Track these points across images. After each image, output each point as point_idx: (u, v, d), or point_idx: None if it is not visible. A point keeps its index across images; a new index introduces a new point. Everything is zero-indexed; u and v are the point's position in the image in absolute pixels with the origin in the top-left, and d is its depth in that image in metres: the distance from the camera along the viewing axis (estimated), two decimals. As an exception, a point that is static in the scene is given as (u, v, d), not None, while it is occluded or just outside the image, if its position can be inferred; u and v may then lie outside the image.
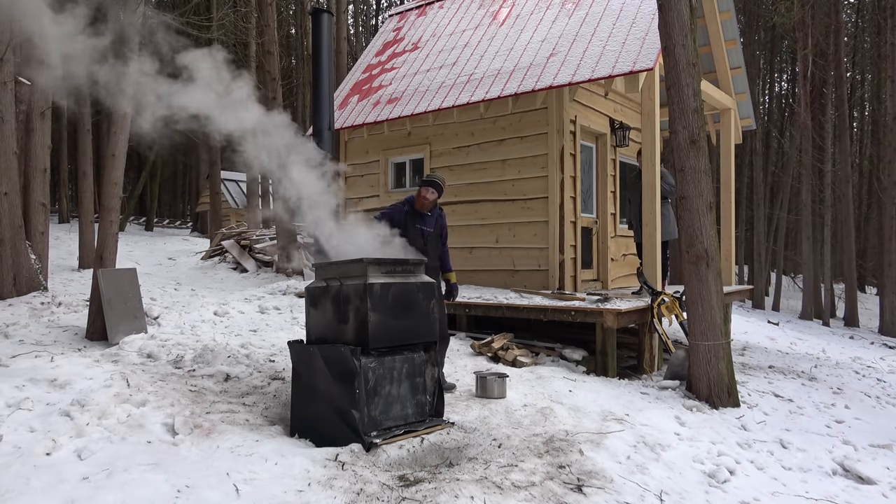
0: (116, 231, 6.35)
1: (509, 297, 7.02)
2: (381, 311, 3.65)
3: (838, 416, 5.15)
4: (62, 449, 3.19)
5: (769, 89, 27.81)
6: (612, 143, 9.07)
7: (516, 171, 8.17)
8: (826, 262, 18.65)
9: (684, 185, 5.14)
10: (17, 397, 3.77)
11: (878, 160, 22.90)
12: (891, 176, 16.45)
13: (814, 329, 15.67)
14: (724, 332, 5.13)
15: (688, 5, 5.14)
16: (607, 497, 3.09)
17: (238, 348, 5.58)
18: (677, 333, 7.77)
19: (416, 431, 3.64)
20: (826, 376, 7.06)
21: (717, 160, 13.95)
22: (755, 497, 3.35)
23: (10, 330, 5.83)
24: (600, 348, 5.89)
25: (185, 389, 4.30)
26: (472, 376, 5.11)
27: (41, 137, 8.17)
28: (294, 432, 3.77)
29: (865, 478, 3.75)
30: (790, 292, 25.38)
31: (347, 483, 2.98)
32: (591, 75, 7.08)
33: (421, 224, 4.75)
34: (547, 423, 4.15)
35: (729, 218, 9.65)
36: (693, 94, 5.10)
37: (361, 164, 9.92)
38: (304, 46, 20.34)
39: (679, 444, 3.97)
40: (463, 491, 2.92)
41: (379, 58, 10.69)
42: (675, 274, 11.48)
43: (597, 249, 8.86)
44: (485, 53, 8.78)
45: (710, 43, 9.22)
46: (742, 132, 10.26)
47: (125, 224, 21.64)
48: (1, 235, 7.02)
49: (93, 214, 10.81)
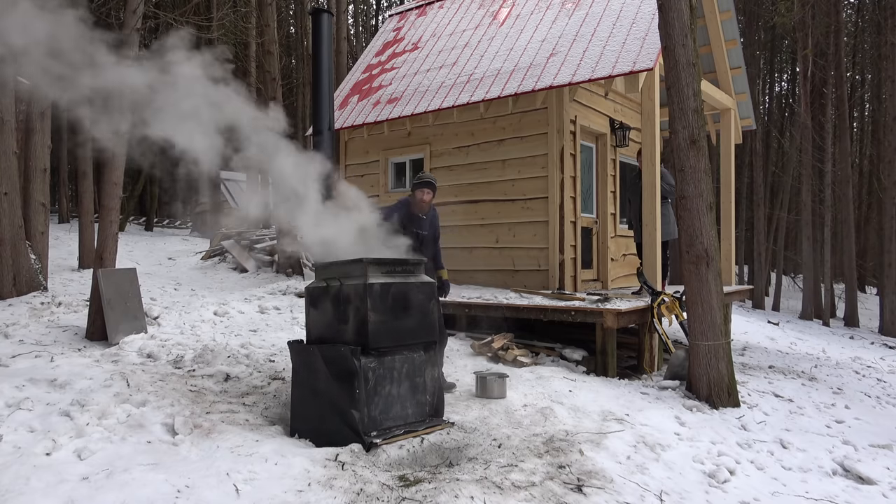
0: (116, 231, 6.35)
1: (509, 297, 7.02)
2: (381, 311, 3.65)
3: (838, 416, 5.15)
4: (62, 449, 3.19)
5: (769, 89, 27.81)
6: (612, 143, 9.07)
7: (516, 171, 8.17)
8: (826, 262, 18.63)
9: (684, 185, 5.14)
10: (17, 397, 3.77)
11: (878, 160, 22.88)
12: (891, 176, 16.44)
13: (814, 329, 15.67)
14: (724, 332, 5.13)
15: (688, 5, 5.14)
16: (607, 497, 3.09)
17: (238, 348, 5.58)
18: (677, 333, 7.76)
19: (416, 431, 3.64)
20: (826, 376, 7.06)
21: (717, 160, 13.94)
22: (755, 497, 3.35)
23: (10, 330, 5.83)
24: (600, 348, 5.89)
25: (185, 389, 4.30)
26: (472, 376, 5.11)
27: (41, 137, 8.16)
28: (294, 432, 3.77)
29: (865, 478, 3.75)
30: (790, 292, 25.37)
31: (347, 483, 2.98)
32: (591, 75, 7.08)
33: (417, 228, 4.76)
34: (547, 423, 4.15)
35: (729, 218, 9.65)
36: (693, 94, 5.10)
37: (361, 164, 9.92)
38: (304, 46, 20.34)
39: (679, 444, 3.97)
40: (463, 491, 2.92)
41: (379, 58, 10.69)
42: (675, 274, 11.48)
43: (597, 249, 8.86)
44: (485, 53, 8.77)
45: (710, 43, 9.22)
46: (742, 132, 10.26)
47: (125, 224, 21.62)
48: (1, 235, 7.02)
49: (93, 214, 10.80)
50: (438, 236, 5.02)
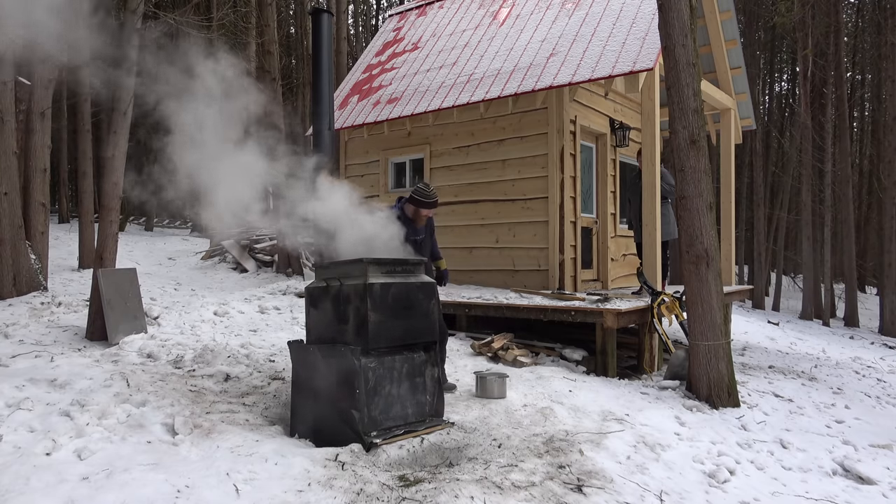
0: (116, 231, 6.35)
1: (509, 297, 7.02)
2: (381, 311, 3.65)
3: (838, 416, 5.15)
4: (62, 449, 3.19)
5: (769, 89, 27.81)
6: (612, 143, 9.07)
7: (516, 171, 8.17)
8: (826, 262, 18.63)
9: (684, 185, 5.14)
10: (17, 397, 3.77)
11: (878, 160, 22.88)
12: (891, 176, 16.44)
13: (814, 329, 15.67)
14: (724, 332, 5.13)
15: (688, 5, 5.14)
16: (607, 497, 3.09)
17: (238, 348, 5.58)
18: (677, 333, 7.77)
19: (416, 431, 3.64)
20: (826, 376, 7.06)
21: (717, 160, 13.94)
22: (755, 497, 3.35)
23: (10, 330, 5.83)
24: (600, 348, 5.89)
25: (185, 389, 4.29)
26: (472, 376, 5.11)
27: (41, 137, 8.17)
28: (294, 432, 3.77)
29: (865, 478, 3.75)
30: (790, 292, 25.36)
31: (347, 483, 2.98)
32: (591, 75, 7.08)
33: (415, 235, 4.77)
34: (547, 423, 4.15)
35: (729, 218, 9.65)
36: (693, 94, 5.10)
37: (361, 164, 9.92)
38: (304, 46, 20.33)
39: (679, 444, 3.97)
40: (463, 491, 2.92)
41: (379, 58, 10.69)
42: (675, 274, 11.48)
43: (597, 249, 8.86)
44: (485, 53, 8.77)
45: (710, 43, 9.22)
46: (742, 132, 10.26)
47: (125, 224, 21.62)
48: (1, 235, 7.02)
49: (93, 214, 10.80)
50: (433, 231, 5.05)
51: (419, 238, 4.82)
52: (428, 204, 4.73)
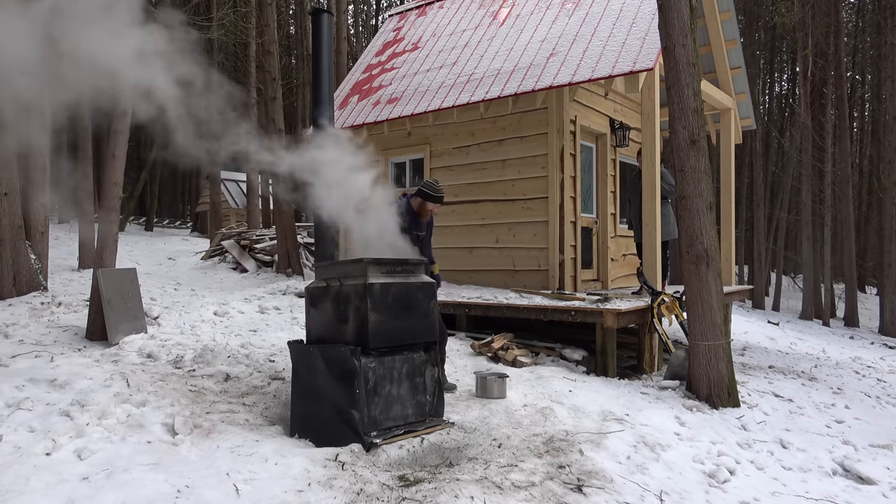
0: (116, 231, 6.35)
1: (509, 297, 7.02)
2: (381, 311, 3.65)
3: (838, 416, 5.15)
4: (62, 449, 3.19)
5: (769, 89, 27.81)
6: (612, 143, 9.07)
7: (516, 171, 8.17)
8: (826, 262, 18.63)
9: (684, 185, 5.14)
10: (17, 397, 3.77)
11: (878, 160, 22.89)
12: (891, 176, 16.44)
13: (814, 329, 15.67)
14: (724, 332, 5.13)
15: (688, 5, 5.14)
16: (607, 497, 3.09)
17: (238, 348, 5.58)
18: (677, 333, 7.77)
19: (416, 431, 3.64)
20: (826, 376, 7.06)
21: (717, 160, 13.95)
22: (755, 497, 3.35)
23: (10, 330, 5.83)
24: (600, 348, 5.89)
25: (185, 389, 4.29)
26: (472, 376, 5.11)
27: (41, 137, 8.16)
28: (294, 432, 3.77)
29: (865, 478, 3.75)
30: (790, 292, 25.37)
31: (347, 483, 2.98)
32: (591, 75, 7.08)
33: (417, 231, 4.82)
34: (547, 423, 4.15)
35: (729, 218, 9.65)
36: (693, 94, 5.10)
37: (361, 164, 9.91)
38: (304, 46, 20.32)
39: (679, 444, 3.97)
40: (463, 491, 2.92)
41: (379, 58, 10.69)
42: (675, 274, 11.48)
43: (597, 249, 8.86)
44: (485, 53, 8.77)
45: (710, 43, 9.22)
46: (742, 132, 10.26)
47: (125, 224, 21.63)
48: (1, 235, 7.02)
49: (93, 214, 10.80)
50: (431, 234, 5.11)
51: (420, 234, 4.86)
52: (435, 198, 4.80)
